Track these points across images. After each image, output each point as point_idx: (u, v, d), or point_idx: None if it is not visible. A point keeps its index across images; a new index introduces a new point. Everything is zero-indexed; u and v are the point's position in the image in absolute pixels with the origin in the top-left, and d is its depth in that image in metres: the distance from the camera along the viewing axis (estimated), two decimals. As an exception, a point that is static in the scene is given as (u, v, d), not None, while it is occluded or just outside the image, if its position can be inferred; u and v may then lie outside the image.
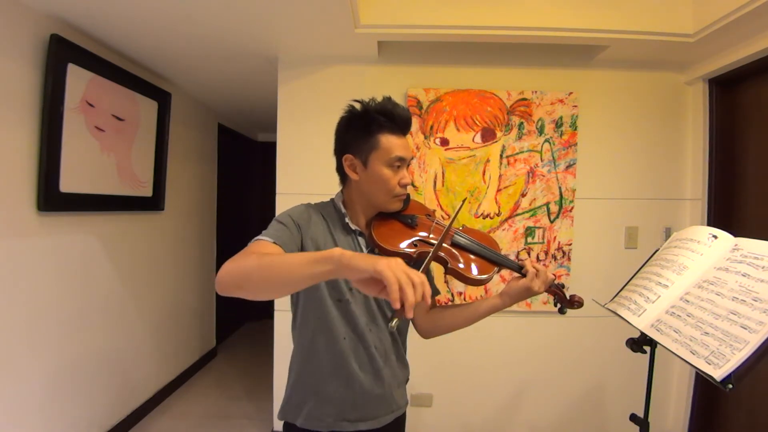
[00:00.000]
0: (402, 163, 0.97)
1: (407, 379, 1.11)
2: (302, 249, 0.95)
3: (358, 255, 0.70)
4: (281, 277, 0.74)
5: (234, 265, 0.78)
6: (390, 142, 0.95)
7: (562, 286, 1.10)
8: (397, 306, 0.63)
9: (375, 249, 0.98)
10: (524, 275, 1.01)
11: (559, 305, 1.10)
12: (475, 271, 1.00)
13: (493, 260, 1.03)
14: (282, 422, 1.05)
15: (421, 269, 0.82)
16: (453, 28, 1.94)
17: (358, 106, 0.98)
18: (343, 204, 1.03)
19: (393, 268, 0.64)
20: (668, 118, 2.25)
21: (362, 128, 0.96)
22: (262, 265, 0.75)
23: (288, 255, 0.78)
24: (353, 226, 1.01)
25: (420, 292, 0.65)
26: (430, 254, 0.87)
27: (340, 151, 1.01)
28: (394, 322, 0.66)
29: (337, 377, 0.97)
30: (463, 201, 1.04)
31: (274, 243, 0.88)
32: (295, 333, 1.04)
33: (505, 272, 2.09)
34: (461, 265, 1.00)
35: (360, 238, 1.01)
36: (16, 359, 1.72)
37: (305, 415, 0.99)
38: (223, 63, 2.41)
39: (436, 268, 1.16)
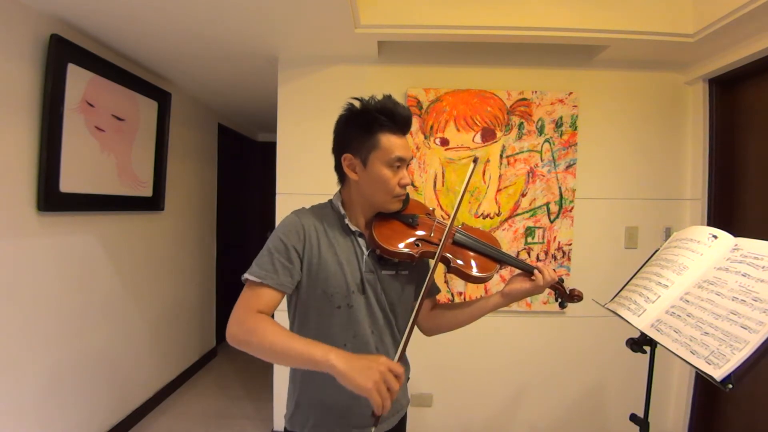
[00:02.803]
0: (402, 163, 0.96)
1: (408, 379, 1.11)
2: (303, 263, 0.94)
3: (348, 368, 0.77)
4: (279, 358, 0.86)
5: (238, 335, 0.88)
6: (390, 141, 0.93)
7: (562, 280, 1.12)
8: (379, 413, 0.77)
9: (376, 250, 0.97)
10: (527, 273, 1.04)
11: (559, 300, 1.11)
12: (477, 269, 1.00)
13: (495, 258, 1.04)
14: (283, 412, 1.05)
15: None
16: (453, 28, 1.94)
17: (357, 104, 0.96)
18: (342, 204, 1.02)
19: (380, 389, 0.75)
20: (668, 118, 2.25)
21: (362, 127, 0.94)
22: (263, 348, 0.85)
23: (286, 342, 0.83)
24: (353, 227, 1.00)
25: (395, 395, 0.78)
26: (436, 257, 0.87)
27: (338, 149, 0.99)
28: (374, 429, 0.82)
29: (340, 385, 0.97)
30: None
31: (263, 283, 0.91)
32: None
33: (505, 271, 2.09)
34: (463, 264, 1.00)
35: (360, 239, 1.00)
36: (16, 359, 1.72)
37: (312, 425, 0.98)
38: (223, 63, 2.41)
39: (438, 267, 1.16)
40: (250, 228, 4.61)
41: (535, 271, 1.03)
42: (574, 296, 1.10)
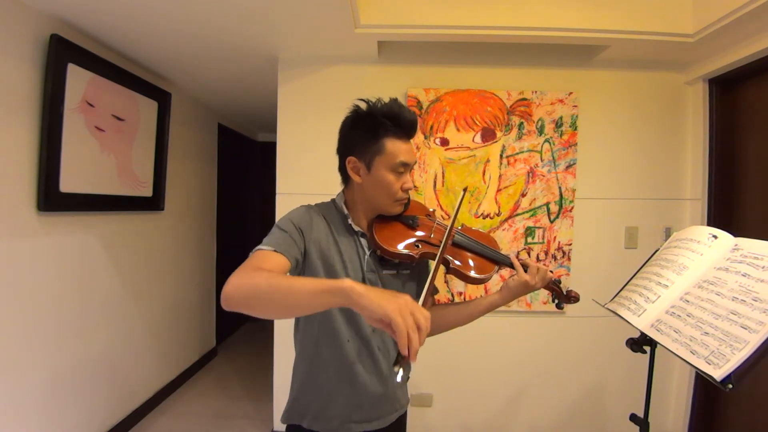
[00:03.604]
0: (406, 168, 0.96)
1: (408, 378, 1.12)
2: (306, 253, 0.94)
3: (369, 291, 0.68)
4: (289, 302, 0.74)
5: (242, 281, 0.75)
6: (395, 147, 0.94)
7: (559, 281, 1.12)
8: (405, 352, 0.64)
9: (377, 250, 0.98)
10: (525, 270, 1.04)
11: (556, 301, 1.12)
12: (476, 270, 1.01)
13: (494, 259, 1.04)
14: (285, 426, 1.04)
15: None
16: (453, 28, 1.94)
17: (363, 106, 0.96)
18: (345, 205, 1.03)
19: (403, 314, 0.64)
20: (668, 118, 2.25)
21: (367, 131, 0.94)
22: (272, 287, 0.74)
23: (297, 280, 0.74)
24: (356, 228, 1.00)
25: (424, 336, 0.66)
26: (438, 259, 0.87)
27: (343, 152, 1.00)
28: (398, 369, 0.66)
29: (342, 379, 0.97)
30: (461, 199, 1.04)
31: (276, 251, 0.86)
32: (298, 337, 1.03)
33: (504, 271, 2.09)
34: (463, 265, 1.00)
35: (362, 240, 1.01)
36: (16, 359, 1.72)
37: (311, 417, 0.99)
38: (223, 63, 2.41)
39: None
40: (250, 228, 4.61)
41: (530, 268, 1.04)
42: (571, 297, 1.11)
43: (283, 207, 2.26)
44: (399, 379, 0.67)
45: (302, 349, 1.02)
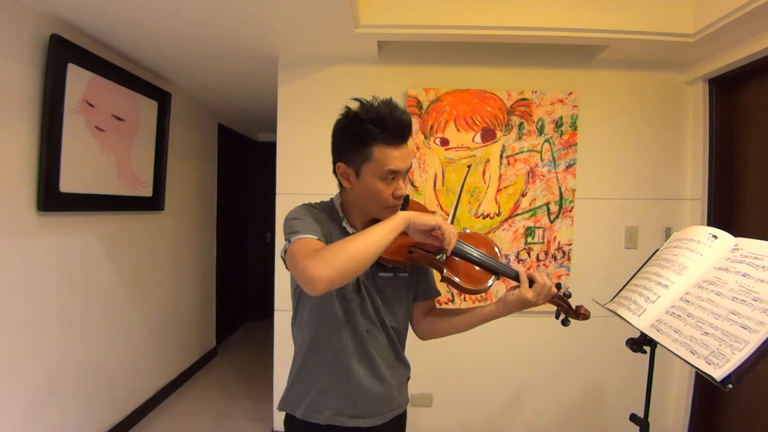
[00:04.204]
0: (396, 175, 0.92)
1: (408, 378, 1.12)
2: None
3: (417, 214, 0.89)
4: (374, 252, 0.82)
5: (323, 262, 0.77)
6: (384, 154, 0.89)
7: (569, 295, 1.03)
8: (446, 247, 0.90)
9: None
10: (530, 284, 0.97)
11: (562, 316, 1.04)
12: (471, 282, 0.97)
13: (491, 269, 0.98)
14: (283, 414, 1.05)
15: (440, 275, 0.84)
16: (453, 28, 1.94)
17: (354, 107, 0.93)
18: (341, 207, 1.03)
19: (447, 225, 0.90)
20: (668, 118, 2.25)
21: (355, 138, 0.91)
22: (358, 248, 0.80)
23: (367, 233, 0.83)
24: (350, 230, 1.00)
25: (455, 240, 0.92)
26: (438, 266, 0.87)
27: (334, 156, 0.98)
28: (442, 255, 0.92)
29: (337, 371, 0.98)
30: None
31: (318, 239, 0.86)
32: (296, 329, 1.04)
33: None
34: (455, 275, 0.96)
35: None
36: (16, 359, 1.72)
37: (305, 407, 0.99)
38: (223, 63, 2.41)
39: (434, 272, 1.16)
40: (250, 228, 4.61)
41: (536, 284, 0.96)
42: (580, 314, 1.02)
43: (283, 207, 2.26)
44: (444, 259, 0.93)
45: (300, 339, 1.03)
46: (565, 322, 1.04)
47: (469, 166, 1.12)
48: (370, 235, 0.82)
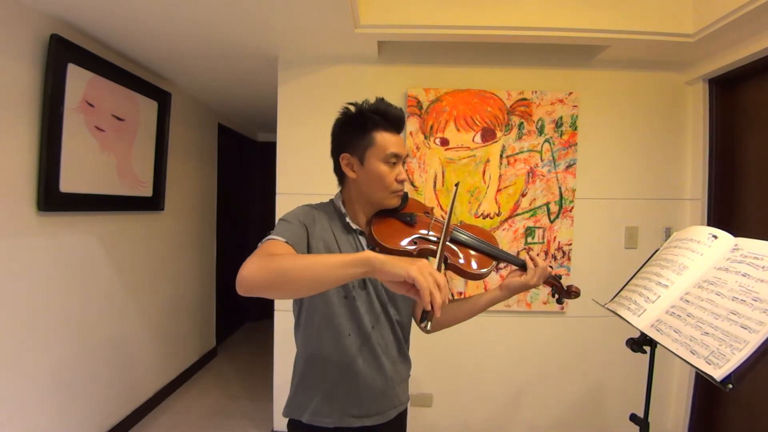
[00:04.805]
0: (398, 159, 0.99)
1: (409, 375, 1.12)
2: (309, 248, 0.95)
3: (389, 258, 0.73)
4: (312, 278, 0.74)
5: (258, 264, 0.76)
6: (385, 138, 0.97)
7: (559, 277, 1.13)
8: (429, 308, 0.69)
9: (376, 248, 0.98)
10: (523, 268, 1.06)
11: (556, 296, 1.13)
12: (474, 265, 1.01)
13: (492, 255, 1.05)
14: (286, 420, 1.05)
15: (439, 249, 0.84)
16: (453, 28, 1.94)
17: (352, 107, 1.00)
18: (342, 204, 1.04)
19: (424, 273, 0.69)
20: (668, 118, 2.25)
21: (357, 127, 0.98)
22: (295, 266, 0.75)
23: (319, 257, 0.76)
24: (354, 226, 1.02)
25: (445, 293, 0.70)
26: (439, 253, 0.88)
27: (336, 151, 1.03)
28: (426, 323, 0.71)
29: (342, 373, 0.98)
30: (455, 194, 1.05)
31: (287, 242, 0.87)
32: (299, 333, 1.04)
33: (505, 271, 2.09)
34: (461, 261, 1.01)
35: (361, 237, 1.02)
36: (17, 359, 1.72)
37: (311, 411, 1.00)
38: (223, 63, 2.41)
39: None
40: (250, 228, 4.61)
41: (529, 262, 1.05)
42: (571, 292, 1.12)
43: (283, 207, 2.26)
44: (429, 328, 0.72)
45: (303, 344, 1.03)
46: (559, 301, 1.14)
47: (456, 184, 1.13)
48: (320, 262, 0.74)
